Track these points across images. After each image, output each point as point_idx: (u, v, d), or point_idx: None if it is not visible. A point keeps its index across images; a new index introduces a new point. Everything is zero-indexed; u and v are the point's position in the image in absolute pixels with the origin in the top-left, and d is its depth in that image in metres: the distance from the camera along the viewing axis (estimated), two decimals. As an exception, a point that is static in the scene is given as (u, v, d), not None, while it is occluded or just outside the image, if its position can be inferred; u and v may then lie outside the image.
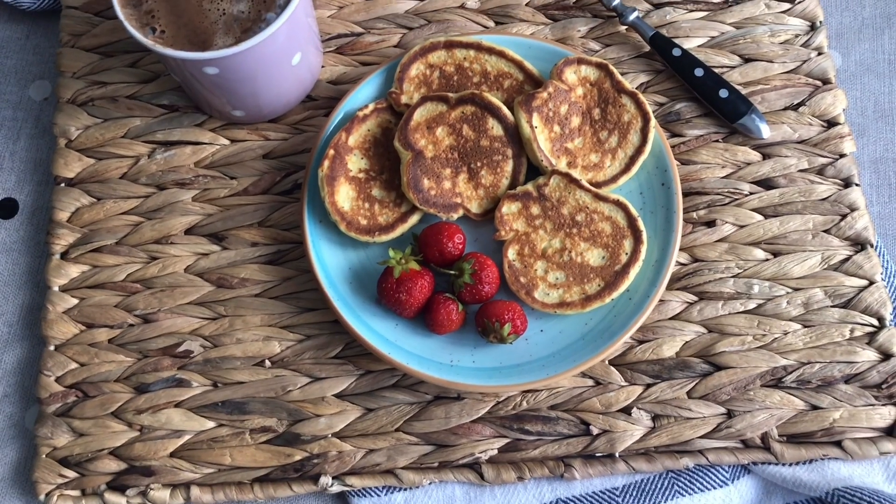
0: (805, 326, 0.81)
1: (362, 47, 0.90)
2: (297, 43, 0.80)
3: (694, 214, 0.84)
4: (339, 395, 0.81)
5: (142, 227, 0.85)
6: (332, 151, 0.80)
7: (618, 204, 0.79)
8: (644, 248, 0.79)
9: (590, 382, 0.80)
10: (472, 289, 0.76)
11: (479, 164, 0.80)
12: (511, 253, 0.79)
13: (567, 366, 0.77)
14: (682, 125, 0.87)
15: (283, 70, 0.80)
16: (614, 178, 0.81)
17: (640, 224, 0.79)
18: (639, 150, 0.81)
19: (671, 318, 0.82)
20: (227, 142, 0.87)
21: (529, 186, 0.80)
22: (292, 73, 0.82)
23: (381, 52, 0.90)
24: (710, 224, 0.84)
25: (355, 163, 0.82)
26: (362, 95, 0.85)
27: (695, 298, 0.82)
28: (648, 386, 0.80)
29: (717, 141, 0.86)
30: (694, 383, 0.80)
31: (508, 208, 0.80)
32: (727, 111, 0.85)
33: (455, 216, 0.80)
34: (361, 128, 0.82)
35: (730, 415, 0.79)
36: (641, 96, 0.82)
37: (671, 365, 0.80)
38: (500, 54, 0.84)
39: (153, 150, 0.87)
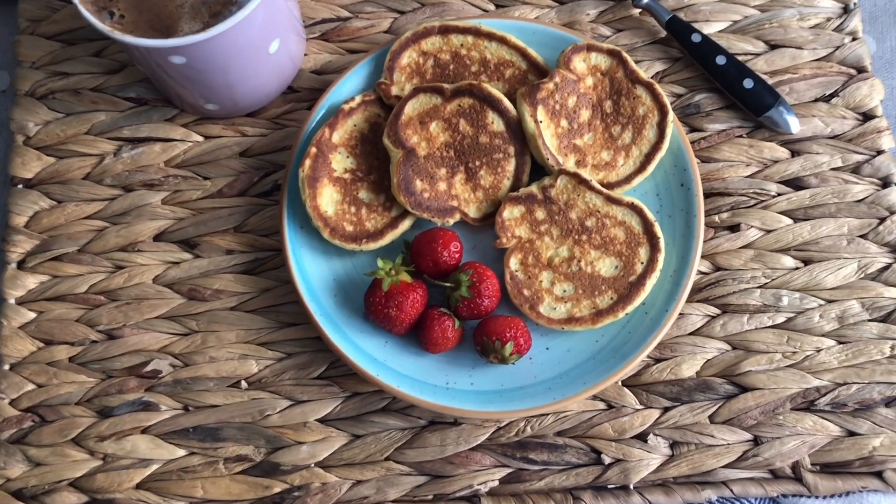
0: (840, 343, 0.73)
1: (349, 33, 0.82)
2: (275, 28, 0.71)
3: (716, 218, 0.76)
4: (322, 420, 0.73)
5: (106, 232, 0.77)
6: (314, 149, 0.72)
7: (632, 207, 0.71)
8: (661, 257, 0.70)
9: (601, 406, 0.72)
10: (469, 303, 0.68)
11: (477, 163, 0.72)
12: (513, 262, 0.71)
13: (576, 389, 0.69)
14: (703, 119, 0.78)
15: (259, 59, 0.72)
16: (628, 179, 0.73)
17: (657, 229, 0.71)
18: (655, 147, 0.73)
19: (691, 334, 0.74)
20: (200, 138, 0.79)
21: (534, 188, 0.72)
22: (270, 62, 0.74)
23: (369, 38, 0.82)
24: (734, 229, 0.76)
25: (340, 162, 0.73)
26: (348, 86, 0.77)
27: (717, 312, 0.74)
28: (666, 409, 0.72)
29: (740, 136, 0.78)
30: (717, 406, 0.72)
31: (510, 213, 0.72)
32: (752, 103, 0.77)
33: (451, 221, 0.72)
34: (347, 123, 0.74)
35: (757, 442, 0.71)
36: (658, 87, 0.74)
37: (691, 386, 0.72)
38: (501, 40, 0.75)
39: (119, 148, 0.79)
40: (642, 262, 0.71)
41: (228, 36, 0.65)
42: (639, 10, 0.82)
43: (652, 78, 0.80)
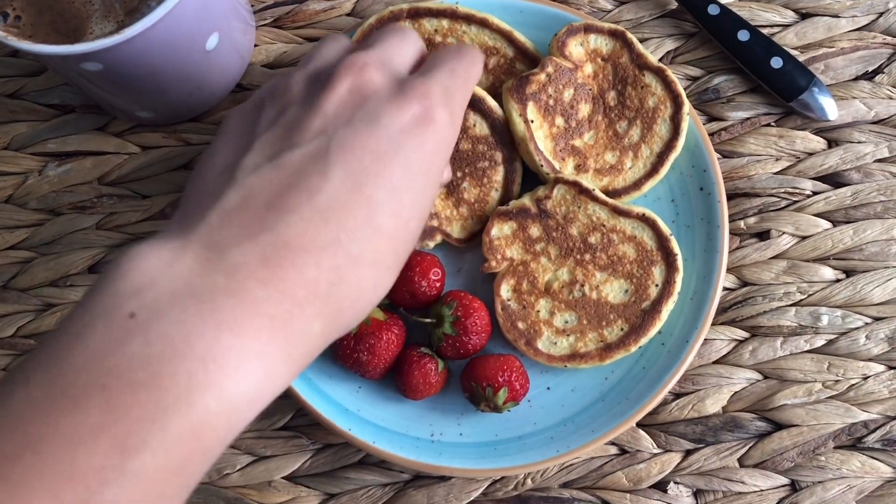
0: (891, 368, 0.62)
1: (305, 18, 0.70)
2: (212, 20, 0.60)
3: (741, 223, 0.65)
4: (290, 478, 0.63)
5: (33, 265, 0.66)
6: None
7: (643, 219, 0.60)
8: (680, 277, 0.60)
9: (612, 451, 0.62)
10: (455, 342, 0.58)
11: (459, 174, 0.61)
12: (505, 290, 0.60)
13: (583, 438, 0.58)
14: (723, 106, 0.67)
15: (194, 58, 0.60)
16: (637, 184, 0.62)
17: (674, 244, 0.60)
18: (669, 146, 0.62)
19: (715, 363, 0.63)
20: (136, 149, 0.68)
21: (526, 200, 0.61)
22: (209, 60, 0.62)
23: (329, 23, 0.70)
24: (763, 236, 0.65)
25: None
26: (307, 83, 0.65)
27: (745, 335, 0.64)
28: (688, 453, 0.62)
29: (768, 125, 0.66)
30: (747, 447, 0.62)
31: (500, 230, 0.61)
32: (781, 86, 0.65)
33: (431, 244, 0.61)
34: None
35: (795, 487, 0.61)
36: (671, 73, 0.62)
37: (717, 424, 0.62)
38: (482, 23, 0.63)
39: (45, 165, 0.68)
40: (657, 285, 0.60)
41: (149, 36, 0.54)
42: (644, -22, 0.70)
43: (662, 59, 0.68)
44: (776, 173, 0.66)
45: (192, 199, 0.38)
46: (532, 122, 0.61)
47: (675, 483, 0.61)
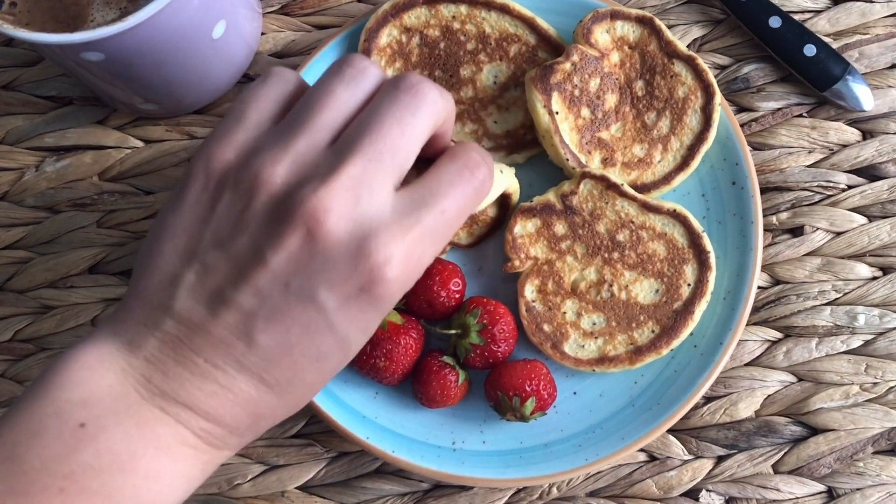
0: (931, 370, 0.60)
1: (314, 4, 0.67)
2: (218, 7, 0.57)
3: (773, 219, 0.62)
4: (304, 488, 0.60)
5: (31, 265, 0.63)
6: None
7: (674, 215, 0.57)
8: (713, 276, 0.57)
9: (641, 457, 0.59)
10: (482, 351, 0.55)
11: None
12: (529, 291, 0.57)
13: (612, 445, 0.56)
14: (753, 96, 0.64)
15: (200, 47, 0.57)
16: (667, 178, 0.59)
17: (706, 242, 0.57)
18: (700, 138, 0.59)
19: (748, 364, 0.61)
20: (139, 143, 0.65)
21: (551, 196, 0.58)
22: (216, 48, 0.59)
23: (340, 9, 0.67)
24: (796, 232, 0.62)
25: None
26: (318, 72, 0.62)
27: (779, 335, 0.61)
28: (721, 459, 0.59)
29: (800, 116, 0.64)
30: (782, 453, 0.59)
31: (523, 227, 0.58)
32: (814, 74, 0.62)
33: (442, 254, 0.58)
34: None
35: (832, 494, 0.58)
36: (701, 61, 0.59)
37: (750, 429, 0.59)
38: (503, 9, 0.60)
39: (42, 160, 0.65)
40: (689, 284, 0.57)
41: (154, 24, 0.51)
42: (670, -38, 0.66)
43: (689, 46, 0.65)
44: (809, 166, 0.63)
45: (137, 299, 0.40)
46: (557, 113, 0.57)
47: (708, 491, 0.59)
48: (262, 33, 0.66)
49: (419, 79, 0.41)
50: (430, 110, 0.41)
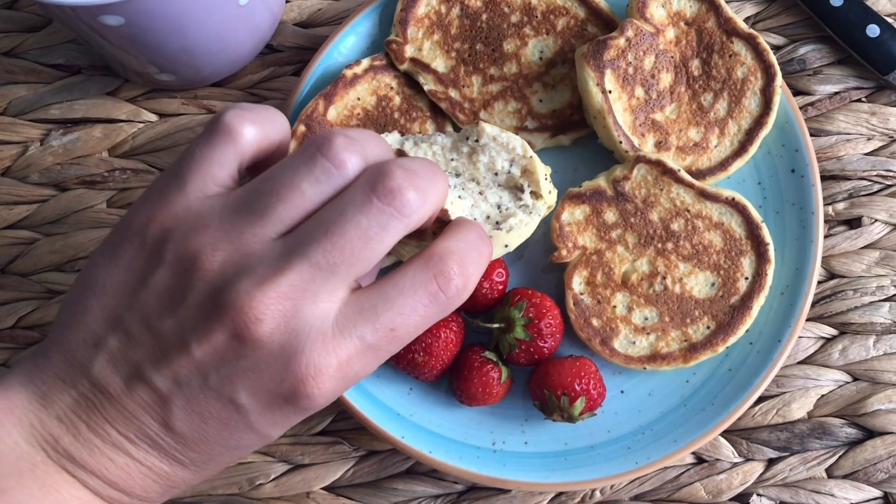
0: None
1: (344, -28, 0.62)
2: (246, -30, 0.52)
3: (829, 209, 0.59)
4: (330, 489, 0.56)
5: (36, 247, 0.59)
6: (302, 128, 0.54)
7: (732, 204, 0.54)
8: (771, 269, 0.53)
9: (689, 459, 0.56)
10: (528, 347, 0.51)
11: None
12: (577, 282, 0.54)
13: (664, 448, 0.53)
14: (809, 79, 0.60)
15: (224, 13, 0.53)
16: (723, 164, 0.55)
17: (765, 233, 0.54)
18: (759, 122, 0.55)
19: (802, 363, 0.57)
20: (153, 117, 0.60)
21: (601, 181, 0.54)
22: (240, 15, 0.54)
23: (371, -22, 0.62)
24: (853, 223, 0.59)
25: None
26: (349, 45, 0.58)
27: (834, 332, 0.58)
28: (772, 462, 0.56)
29: (859, 101, 0.60)
30: (837, 456, 0.56)
31: (571, 215, 0.54)
32: (876, 57, 0.59)
33: None
34: (349, 95, 0.56)
35: (889, 500, 0.56)
36: (762, 40, 0.55)
37: (804, 431, 0.56)
38: (551, -20, 0.56)
39: (47, 134, 0.60)
40: (747, 277, 0.53)
41: (179, -14, 0.46)
42: (723, -66, 0.62)
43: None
44: (868, 154, 0.59)
45: (58, 352, 0.37)
46: (610, 92, 0.54)
47: (759, 495, 0.56)
48: (287, 1, 0.62)
49: (401, 181, 0.36)
50: (405, 223, 0.36)
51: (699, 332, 0.53)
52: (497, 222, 0.45)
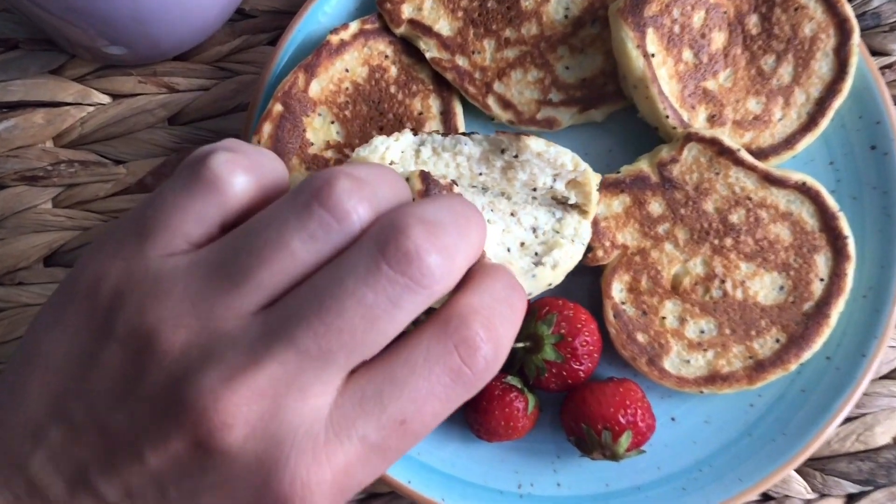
0: None
1: (328, -79, 0.52)
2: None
3: (914, 193, 0.49)
4: (324, 540, 0.47)
5: (-32, 255, 0.50)
6: (279, 107, 0.45)
7: (803, 190, 0.44)
8: (851, 268, 0.44)
9: (754, 496, 0.47)
10: (559, 370, 0.42)
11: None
12: (618, 289, 0.44)
13: (727, 488, 0.44)
14: (885, 36, 0.51)
15: (183, -30, 0.43)
16: (789, 141, 0.46)
17: (843, 223, 0.44)
18: (831, 89, 0.46)
19: (885, 377, 0.48)
20: (105, 99, 0.51)
21: (644, 165, 0.45)
22: (203, -27, 0.45)
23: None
24: (943, 208, 0.49)
25: (321, 130, 0.46)
26: (334, 6, 0.48)
27: (923, 340, 0.48)
28: (853, 498, 0.47)
29: (946, 61, 0.50)
30: (930, 490, 0.47)
31: (608, 207, 0.44)
32: (967, 8, 0.49)
33: None
34: (335, 66, 0.46)
35: None
36: (837, -10, 0.45)
37: (890, 460, 0.47)
38: (576, -78, 0.46)
39: (-21, 120, 0.51)
40: (822, 279, 0.44)
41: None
42: None
43: (804, -26, 0.51)
44: (957, 125, 0.49)
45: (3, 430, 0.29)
46: (653, 56, 0.44)
47: (837, 539, 0.46)
48: (261, -43, 0.52)
49: (420, 240, 0.27)
50: (424, 296, 0.27)
51: (767, 346, 0.44)
52: (536, 253, 0.36)
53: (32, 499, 0.28)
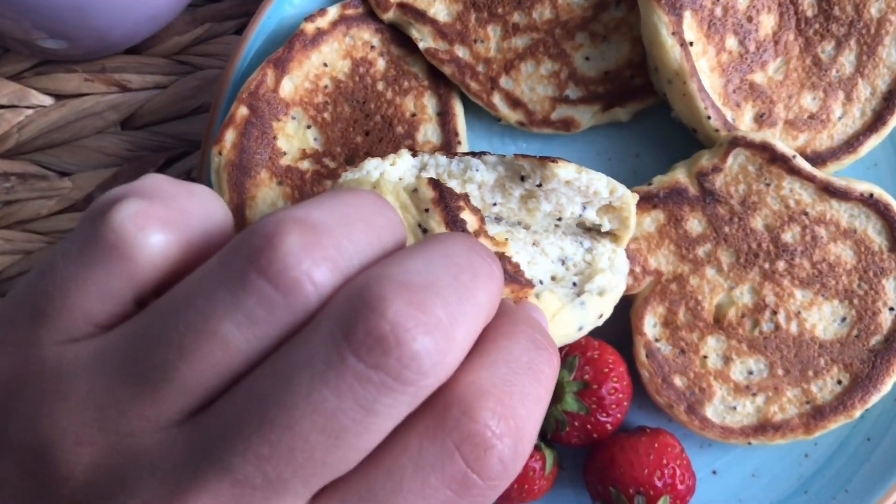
0: None
1: None
2: None
3: None
4: None
5: None
6: (243, 110, 0.38)
7: (869, 203, 0.37)
8: (927, 295, 0.37)
9: (806, 558, 0.40)
10: (583, 423, 0.35)
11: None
12: (651, 324, 0.37)
13: (780, 558, 0.37)
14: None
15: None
16: (851, 144, 0.39)
17: (917, 243, 0.37)
18: (902, 81, 0.38)
19: (959, 417, 0.41)
20: (47, 100, 0.44)
21: (681, 174, 0.38)
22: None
23: None
24: None
25: (295, 135, 0.39)
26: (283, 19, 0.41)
27: None
28: (922, 557, 0.40)
29: None
30: None
31: (638, 226, 0.38)
32: None
33: None
34: (310, 60, 0.40)
35: None
36: (909, -39, 0.38)
37: (965, 512, 0.40)
38: None
39: None
40: (892, 308, 0.37)
41: None
42: None
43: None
44: None
45: None
46: (691, 44, 0.37)
47: None
48: (225, -70, 0.44)
49: (401, 317, 0.20)
50: (411, 395, 0.20)
51: (826, 389, 0.37)
52: (574, 283, 0.29)
53: None
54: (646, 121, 0.40)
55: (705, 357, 0.37)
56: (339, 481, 0.20)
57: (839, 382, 0.37)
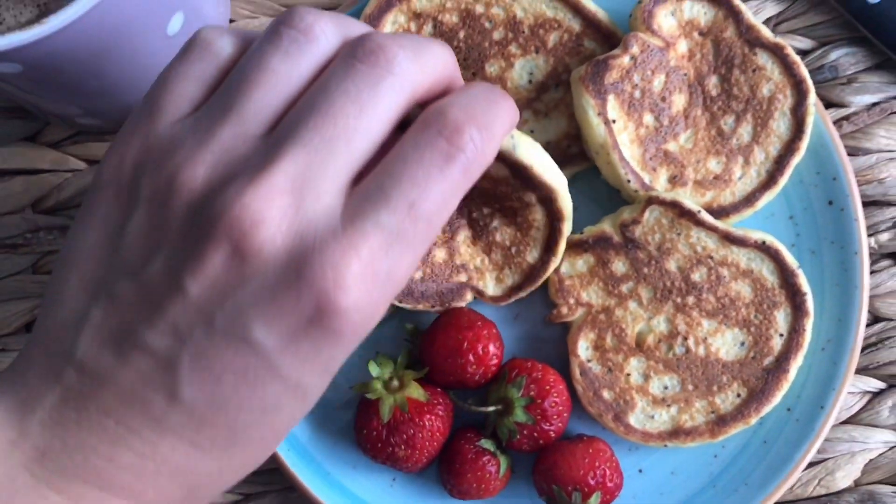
0: None
1: (296, -17, 0.54)
2: (173, -5, 0.43)
3: (872, 241, 0.51)
4: None
5: (-49, 322, 0.50)
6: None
7: (763, 249, 0.46)
8: (810, 323, 0.46)
9: (720, 542, 0.48)
10: (530, 431, 0.43)
11: (486, 210, 0.46)
12: (583, 347, 0.46)
13: (693, 540, 0.45)
14: (843, 88, 0.52)
15: (152, 47, 0.44)
16: (749, 199, 0.47)
17: (802, 281, 0.46)
18: (789, 147, 0.47)
19: (846, 422, 0.50)
20: (81, 164, 0.52)
21: (606, 226, 0.46)
22: (172, 47, 0.45)
23: (328, -11, 0.53)
24: (900, 256, 0.51)
25: None
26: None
27: (882, 386, 0.50)
28: (816, 540, 0.49)
29: (901, 111, 0.52)
30: (890, 531, 0.48)
31: (572, 266, 0.46)
32: (920, 60, 0.50)
33: (462, 303, 0.46)
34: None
35: (952, 579, 0.48)
36: (792, 52, 0.47)
37: (851, 503, 0.49)
38: (539, -13, 0.47)
39: (-42, 188, 0.51)
40: (781, 334, 0.46)
41: (85, 25, 0.37)
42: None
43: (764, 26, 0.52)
44: (914, 174, 0.51)
45: (38, 345, 0.31)
46: (614, 122, 0.45)
47: (801, 580, 0.48)
48: (231, 20, 0.53)
49: (383, 41, 0.31)
50: (396, 83, 0.30)
51: (728, 400, 0.45)
52: None
53: (83, 382, 0.29)
54: (580, 181, 0.48)
55: (629, 375, 0.46)
56: (366, 173, 0.30)
57: (738, 395, 0.46)
